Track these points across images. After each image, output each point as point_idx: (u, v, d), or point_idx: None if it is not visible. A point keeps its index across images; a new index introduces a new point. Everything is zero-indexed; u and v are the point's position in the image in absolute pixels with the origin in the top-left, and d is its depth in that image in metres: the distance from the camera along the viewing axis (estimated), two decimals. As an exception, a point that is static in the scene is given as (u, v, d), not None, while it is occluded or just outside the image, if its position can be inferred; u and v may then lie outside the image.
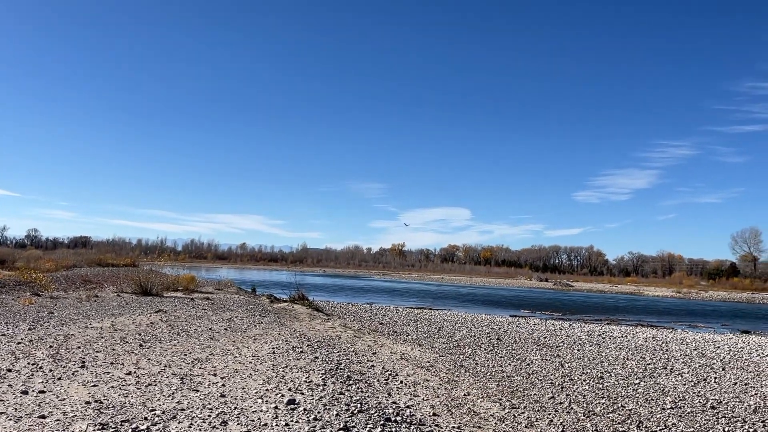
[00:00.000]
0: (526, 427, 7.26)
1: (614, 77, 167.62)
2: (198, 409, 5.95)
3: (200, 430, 5.29)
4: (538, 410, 8.31)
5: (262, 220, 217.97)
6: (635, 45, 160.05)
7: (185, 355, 9.06)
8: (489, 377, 10.73)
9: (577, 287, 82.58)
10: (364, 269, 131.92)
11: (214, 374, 7.74)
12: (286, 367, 8.65)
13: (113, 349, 9.09)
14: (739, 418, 8.66)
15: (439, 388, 8.84)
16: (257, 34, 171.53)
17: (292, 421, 5.74)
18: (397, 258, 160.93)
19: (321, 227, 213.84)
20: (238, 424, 5.54)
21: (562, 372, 11.88)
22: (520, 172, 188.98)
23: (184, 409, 5.89)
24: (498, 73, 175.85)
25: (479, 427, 6.87)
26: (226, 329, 12.53)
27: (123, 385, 6.76)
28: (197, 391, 6.74)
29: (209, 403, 6.19)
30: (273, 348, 10.35)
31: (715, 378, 12.22)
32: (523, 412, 8.03)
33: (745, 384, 11.68)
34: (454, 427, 6.58)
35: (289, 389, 7.13)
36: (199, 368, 8.09)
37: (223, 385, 7.10)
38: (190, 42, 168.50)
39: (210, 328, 12.44)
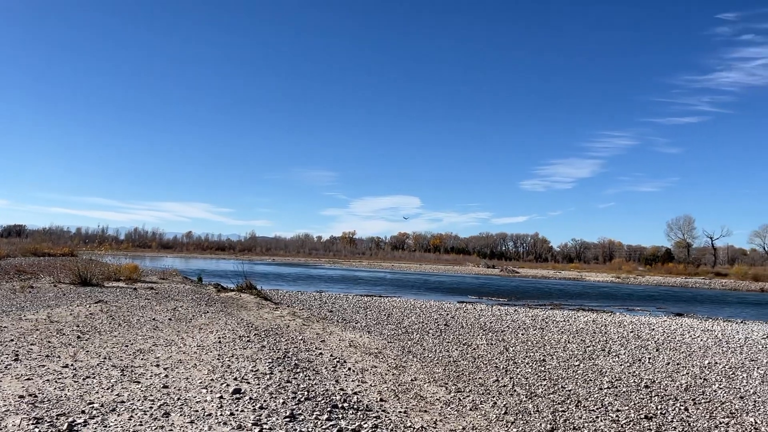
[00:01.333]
0: (470, 409, 7.44)
1: (560, 69, 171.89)
2: (139, 400, 5.80)
3: (141, 422, 5.16)
4: (483, 393, 8.52)
5: (209, 208, 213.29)
6: (580, 38, 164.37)
7: (126, 346, 8.80)
8: (436, 362, 10.91)
9: (523, 273, 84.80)
10: (315, 258, 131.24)
11: (157, 365, 7.56)
12: (233, 356, 8.53)
13: (49, 342, 8.73)
14: (671, 396, 9.13)
15: (386, 374, 8.92)
16: (205, 21, 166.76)
17: (237, 410, 5.68)
18: (348, 246, 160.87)
19: (270, 215, 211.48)
20: (181, 414, 5.44)
21: (507, 356, 12.20)
22: (468, 160, 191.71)
23: (124, 402, 5.73)
24: (448, 62, 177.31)
25: (425, 411, 6.98)
26: (170, 319, 12.23)
27: (59, 378, 6.51)
28: (138, 382, 6.56)
29: (151, 395, 6.04)
30: (219, 337, 10.19)
31: (650, 359, 12.82)
32: (468, 395, 8.21)
33: (677, 364, 12.31)
34: (400, 411, 6.66)
35: (235, 378, 7.04)
36: (141, 359, 7.88)
37: (166, 376, 6.95)
38: (135, 30, 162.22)
39: (153, 319, 12.12)
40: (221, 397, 6.11)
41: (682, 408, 8.41)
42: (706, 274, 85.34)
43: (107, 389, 6.18)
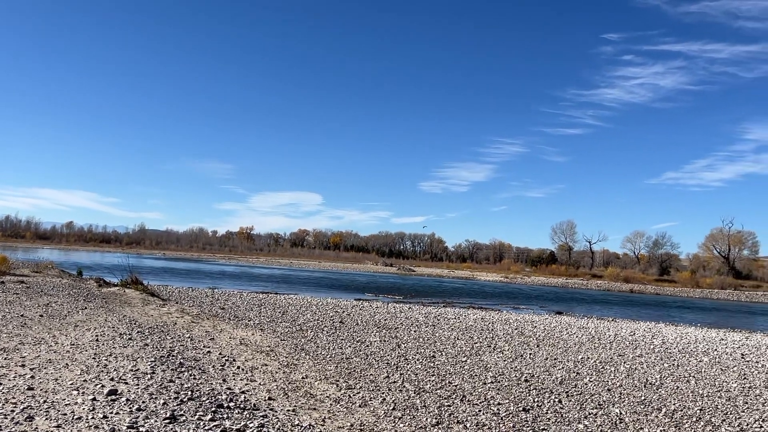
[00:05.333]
0: (359, 406, 7.49)
1: (459, 74, 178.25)
2: (-2, 404, 5.28)
3: (1, 426, 4.70)
4: (373, 390, 8.62)
5: (94, 197, 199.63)
6: (481, 45, 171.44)
7: (-13, 345, 8.00)
8: (329, 359, 10.89)
9: (419, 272, 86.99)
10: (209, 253, 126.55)
11: (23, 365, 6.93)
12: (111, 355, 8.01)
13: None
14: (547, 390, 9.73)
15: (277, 372, 8.78)
16: (90, 7, 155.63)
17: (111, 412, 5.34)
18: (245, 242, 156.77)
19: (161, 207, 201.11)
20: (46, 418, 5.02)
21: (399, 352, 12.44)
22: (370, 160, 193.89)
23: (-20, 406, 5.20)
24: (351, 57, 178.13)
25: (314, 408, 6.95)
26: (41, 316, 11.28)
27: None
28: (0, 384, 5.98)
29: (13, 397, 5.53)
30: (96, 335, 9.53)
31: (530, 354, 13.60)
32: (358, 392, 8.27)
33: (554, 359, 13.15)
34: (288, 410, 6.58)
35: (112, 379, 6.61)
36: (4, 359, 7.19)
37: (32, 377, 6.39)
38: (20, 13, 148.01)
39: (22, 315, 11.11)
40: (94, 399, 5.71)
41: (557, 400, 8.99)
42: (584, 276, 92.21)
43: (-40, 393, 5.58)
